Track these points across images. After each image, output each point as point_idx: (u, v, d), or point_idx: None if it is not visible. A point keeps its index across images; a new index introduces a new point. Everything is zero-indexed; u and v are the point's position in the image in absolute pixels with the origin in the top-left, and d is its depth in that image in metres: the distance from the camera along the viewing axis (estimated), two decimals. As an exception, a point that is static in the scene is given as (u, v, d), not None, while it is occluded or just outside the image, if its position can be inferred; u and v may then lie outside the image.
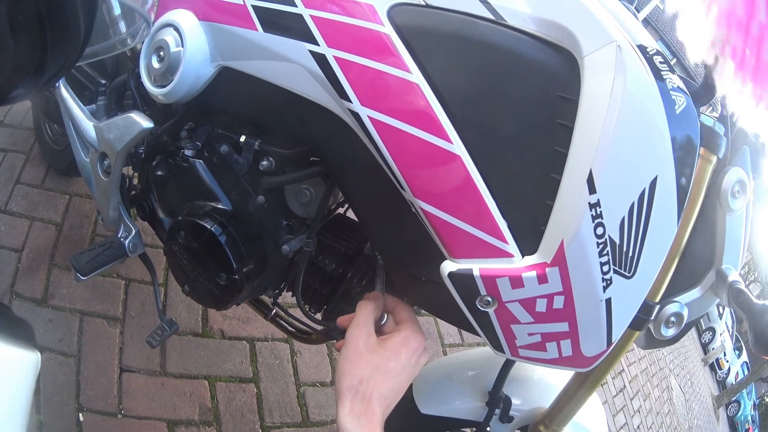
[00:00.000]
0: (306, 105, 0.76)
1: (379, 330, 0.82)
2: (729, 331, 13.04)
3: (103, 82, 1.29)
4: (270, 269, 1.02)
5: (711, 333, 12.24)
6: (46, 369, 1.50)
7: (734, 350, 13.17)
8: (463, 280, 0.64)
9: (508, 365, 0.96)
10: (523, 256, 0.62)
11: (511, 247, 0.62)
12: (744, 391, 12.01)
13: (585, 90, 0.58)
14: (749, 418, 12.31)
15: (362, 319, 0.79)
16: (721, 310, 12.36)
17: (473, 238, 0.63)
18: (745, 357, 13.82)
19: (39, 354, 0.55)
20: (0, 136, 2.09)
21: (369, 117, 0.67)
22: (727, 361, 12.65)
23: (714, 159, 0.66)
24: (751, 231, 0.74)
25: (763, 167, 0.73)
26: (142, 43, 1.00)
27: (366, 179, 0.77)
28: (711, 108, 0.68)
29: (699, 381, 9.40)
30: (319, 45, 0.72)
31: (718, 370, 12.58)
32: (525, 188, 0.62)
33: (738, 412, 12.00)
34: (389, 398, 0.73)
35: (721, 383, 12.60)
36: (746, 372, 13.27)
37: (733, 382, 12.41)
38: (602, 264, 0.59)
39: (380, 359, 0.74)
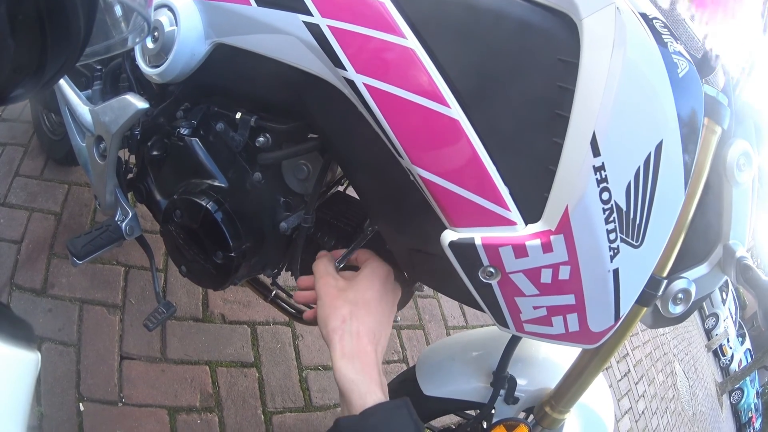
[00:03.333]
0: (301, 76, 0.75)
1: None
2: (732, 317, 12.99)
3: (98, 66, 1.27)
4: (268, 247, 1.01)
5: (714, 319, 12.18)
6: (47, 359, 1.49)
7: (737, 337, 13.11)
8: (465, 249, 0.62)
9: (513, 343, 0.95)
10: (526, 224, 0.60)
11: (514, 214, 0.60)
12: (747, 378, 11.97)
13: (585, 52, 0.57)
14: (752, 406, 12.27)
15: (323, 270, 0.80)
16: (724, 296, 12.35)
17: (474, 205, 0.61)
18: (748, 344, 13.80)
19: (39, 354, 0.54)
20: (-2, 130, 2.09)
21: (365, 84, 0.66)
22: (731, 348, 12.61)
23: (719, 130, 0.65)
24: (756, 215, 0.73)
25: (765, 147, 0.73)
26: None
27: (363, 149, 0.76)
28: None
29: (702, 367, 9.41)
30: (312, 15, 0.71)
31: (721, 357, 12.53)
32: (526, 153, 0.61)
33: (741, 399, 11.97)
34: (378, 333, 0.73)
35: (725, 370, 12.57)
36: (749, 359, 13.26)
37: (737, 369, 12.38)
38: (609, 231, 0.57)
39: (355, 293, 0.75)
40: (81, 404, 1.45)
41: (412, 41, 0.64)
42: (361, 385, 0.66)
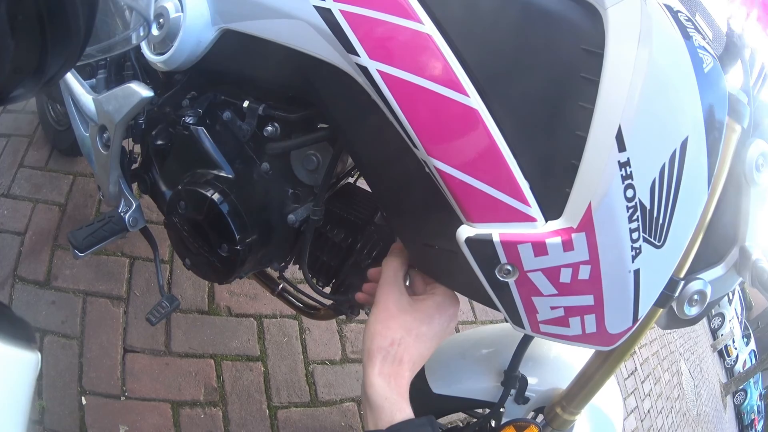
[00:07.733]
0: (312, 63, 0.72)
1: (410, 290, 0.79)
2: (738, 317, 12.95)
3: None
4: (275, 240, 0.99)
5: (720, 318, 12.13)
6: (49, 352, 1.49)
7: (743, 338, 13.07)
8: (482, 246, 0.59)
9: (525, 342, 0.93)
10: (546, 221, 0.58)
11: (534, 210, 0.58)
12: (751, 380, 11.95)
13: (610, 43, 0.54)
14: (755, 408, 12.23)
15: (390, 277, 0.77)
16: (730, 296, 12.30)
17: (493, 200, 0.59)
18: (753, 345, 13.76)
19: (39, 354, 0.54)
20: (3, 121, 2.09)
21: (378, 71, 0.63)
22: (736, 348, 12.56)
23: (739, 129, 0.64)
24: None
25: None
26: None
27: (376, 139, 0.73)
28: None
29: (708, 367, 9.37)
30: None
31: (726, 357, 12.49)
32: (548, 146, 0.58)
33: (744, 401, 11.92)
34: (417, 362, 0.73)
35: (729, 370, 12.52)
36: (754, 360, 13.23)
37: (741, 370, 12.34)
38: (632, 230, 0.55)
39: (413, 321, 0.73)
40: (83, 398, 1.45)
41: (429, 27, 0.61)
42: (393, 401, 0.67)
